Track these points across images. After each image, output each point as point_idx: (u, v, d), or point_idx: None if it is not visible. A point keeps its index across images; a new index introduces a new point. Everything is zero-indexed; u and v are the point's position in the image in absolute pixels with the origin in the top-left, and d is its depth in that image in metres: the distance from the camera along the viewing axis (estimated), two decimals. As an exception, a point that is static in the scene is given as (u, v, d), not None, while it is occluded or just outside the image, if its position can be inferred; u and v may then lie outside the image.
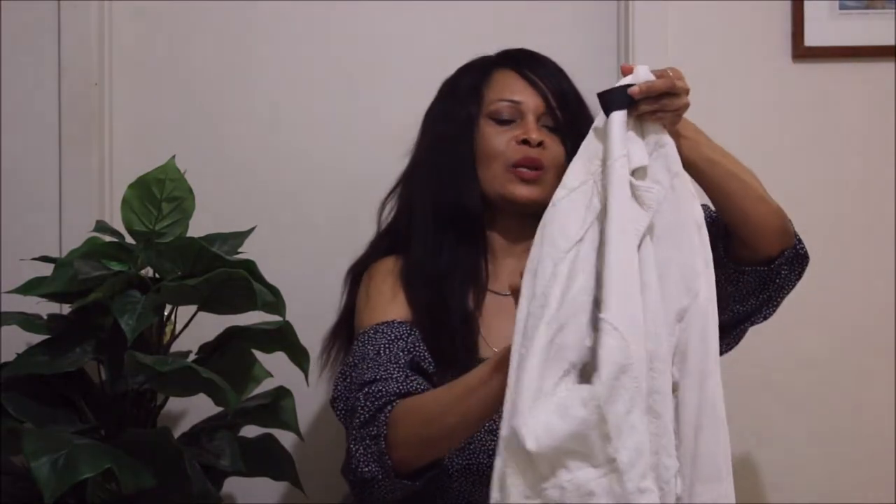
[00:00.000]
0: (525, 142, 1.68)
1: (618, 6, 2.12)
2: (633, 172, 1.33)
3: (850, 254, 2.10)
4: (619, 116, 1.34)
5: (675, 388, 1.30)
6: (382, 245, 1.79)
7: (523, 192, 1.68)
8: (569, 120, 1.72)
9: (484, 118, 1.73)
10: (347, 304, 1.79)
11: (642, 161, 1.33)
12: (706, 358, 1.31)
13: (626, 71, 1.39)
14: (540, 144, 1.68)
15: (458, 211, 1.70)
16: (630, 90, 1.35)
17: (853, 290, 2.10)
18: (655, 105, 1.37)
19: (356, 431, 1.54)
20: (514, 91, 1.73)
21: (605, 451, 1.21)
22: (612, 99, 1.35)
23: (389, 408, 1.51)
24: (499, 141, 1.70)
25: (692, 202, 1.37)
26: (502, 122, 1.71)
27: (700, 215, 1.37)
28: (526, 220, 1.73)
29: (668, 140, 1.38)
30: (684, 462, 1.29)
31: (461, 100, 1.76)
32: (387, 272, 1.73)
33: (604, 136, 1.34)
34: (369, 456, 1.50)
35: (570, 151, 1.68)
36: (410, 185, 1.78)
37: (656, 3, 2.07)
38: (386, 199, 1.83)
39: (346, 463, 1.57)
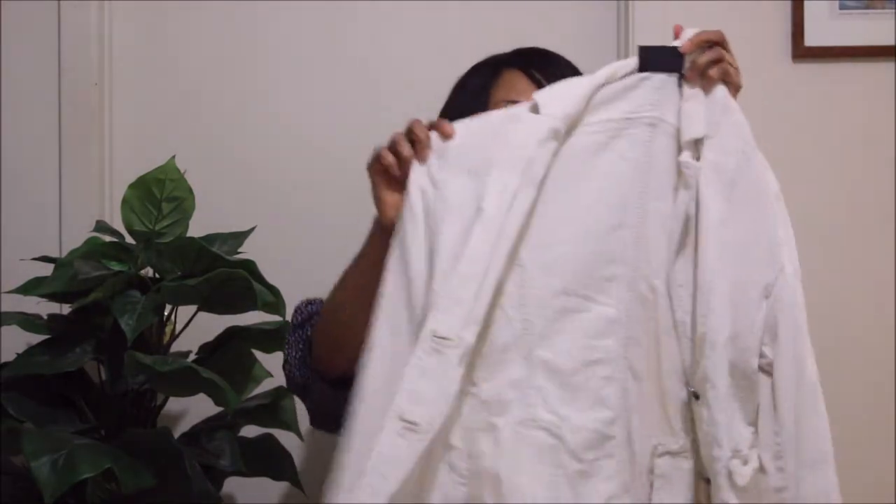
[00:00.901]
0: None
1: (618, 6, 2.12)
2: (691, 143, 1.26)
3: (849, 254, 2.10)
4: (659, 78, 1.26)
5: (769, 369, 1.25)
6: None
7: None
8: None
9: None
10: None
11: (698, 132, 1.26)
12: (799, 336, 1.25)
13: (676, 32, 1.31)
14: None
15: None
16: (681, 48, 1.27)
17: (853, 291, 2.10)
18: (714, 54, 1.29)
19: (290, 335, 1.54)
20: (518, 92, 1.71)
21: None
22: (654, 58, 1.27)
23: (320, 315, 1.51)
24: None
25: (768, 174, 1.30)
26: None
27: (776, 187, 1.30)
28: None
29: (736, 106, 1.30)
30: (786, 448, 1.24)
31: (470, 98, 1.75)
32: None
33: (629, 91, 1.26)
34: (299, 359, 1.50)
35: None
36: None
37: (656, 3, 2.07)
38: None
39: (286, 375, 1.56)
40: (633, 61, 1.28)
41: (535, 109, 1.27)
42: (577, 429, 1.24)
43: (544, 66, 1.73)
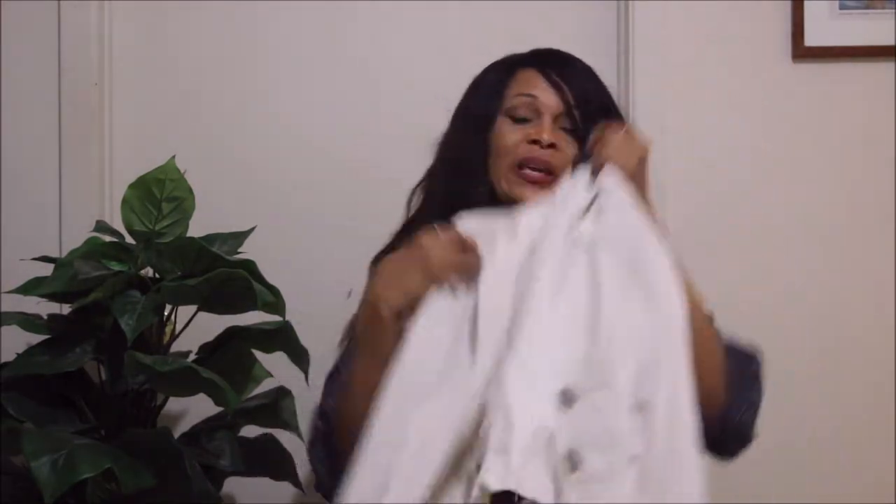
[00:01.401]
0: (535, 141, 1.65)
1: (618, 6, 2.12)
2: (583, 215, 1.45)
3: (849, 254, 2.10)
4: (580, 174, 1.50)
5: (643, 407, 1.27)
6: (403, 236, 1.78)
7: (529, 195, 1.62)
8: (590, 124, 1.68)
9: (502, 116, 1.69)
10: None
11: (584, 204, 1.45)
12: (679, 371, 1.29)
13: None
14: (552, 146, 1.64)
15: (464, 204, 1.68)
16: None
17: (853, 291, 2.10)
18: (597, 160, 1.49)
19: (308, 453, 1.60)
20: (533, 88, 1.70)
21: None
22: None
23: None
24: (510, 138, 1.66)
25: (657, 253, 1.39)
26: (519, 121, 1.67)
27: (667, 266, 1.37)
28: None
29: (623, 193, 1.45)
30: (653, 471, 1.26)
31: (483, 95, 1.74)
32: None
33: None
34: (329, 471, 1.53)
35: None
36: (430, 178, 1.78)
37: (656, 3, 2.07)
38: (413, 191, 1.82)
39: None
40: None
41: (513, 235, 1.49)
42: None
43: (559, 66, 1.72)
